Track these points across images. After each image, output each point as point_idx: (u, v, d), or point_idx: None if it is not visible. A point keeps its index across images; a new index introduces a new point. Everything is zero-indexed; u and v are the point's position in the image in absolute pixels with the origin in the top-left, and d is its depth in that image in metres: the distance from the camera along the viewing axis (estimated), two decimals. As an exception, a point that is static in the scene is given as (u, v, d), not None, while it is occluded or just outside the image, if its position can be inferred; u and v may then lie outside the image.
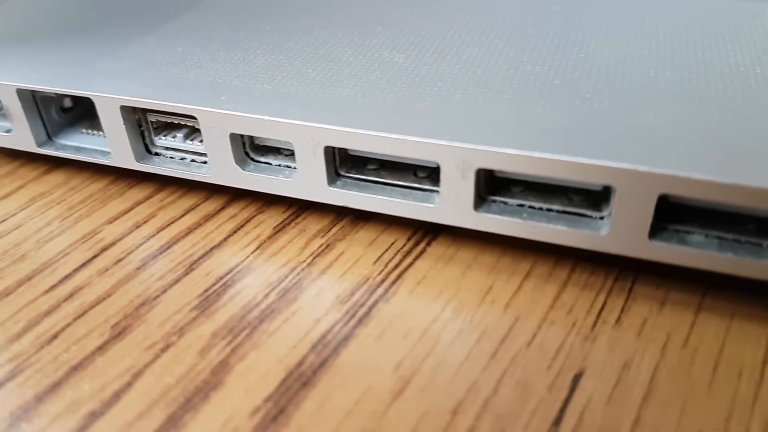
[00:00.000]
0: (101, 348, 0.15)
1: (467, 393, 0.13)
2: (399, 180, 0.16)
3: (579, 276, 0.16)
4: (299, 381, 0.14)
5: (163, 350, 0.15)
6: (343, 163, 0.17)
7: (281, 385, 0.14)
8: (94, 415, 0.13)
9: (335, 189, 0.16)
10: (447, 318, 0.15)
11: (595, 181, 0.14)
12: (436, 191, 0.16)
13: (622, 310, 0.15)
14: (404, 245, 0.17)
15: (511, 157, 0.14)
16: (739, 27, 0.19)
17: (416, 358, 0.14)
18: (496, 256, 0.17)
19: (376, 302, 0.16)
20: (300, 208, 0.18)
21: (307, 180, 0.16)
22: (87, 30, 0.21)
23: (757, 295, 0.15)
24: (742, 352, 0.14)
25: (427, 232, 0.18)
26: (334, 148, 0.16)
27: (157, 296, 0.16)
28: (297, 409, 0.13)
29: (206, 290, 0.16)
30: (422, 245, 0.17)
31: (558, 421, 0.13)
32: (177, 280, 0.16)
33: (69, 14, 0.23)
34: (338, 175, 0.16)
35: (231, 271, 0.16)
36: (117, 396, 0.14)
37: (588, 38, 0.18)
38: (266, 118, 0.15)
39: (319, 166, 0.16)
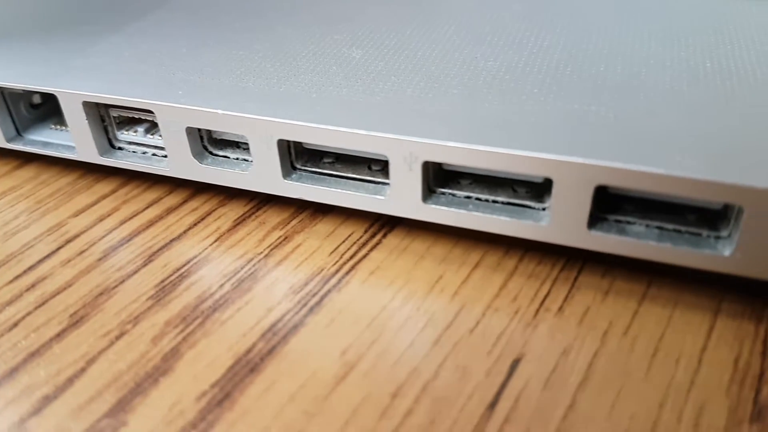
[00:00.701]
0: (59, 335, 0.15)
1: (408, 377, 0.14)
2: (354, 173, 0.17)
3: (526, 266, 0.16)
4: (246, 367, 0.14)
5: (118, 338, 0.15)
6: (299, 156, 0.17)
7: (229, 371, 0.14)
8: (48, 399, 0.14)
9: (290, 182, 0.17)
10: (396, 306, 0.15)
11: (534, 173, 0.14)
12: (388, 184, 0.16)
13: (566, 298, 0.15)
14: (360, 237, 0.18)
15: (455, 150, 0.15)
16: (694, 23, 0.19)
17: (362, 345, 0.14)
18: (448, 247, 0.17)
19: (328, 292, 0.16)
20: (261, 201, 0.19)
21: (263, 173, 0.17)
22: (58, 28, 0.22)
23: (702, 284, 0.16)
24: (681, 340, 0.14)
25: (384, 224, 0.18)
26: (288, 141, 0.16)
27: (116, 286, 0.16)
28: (242, 394, 0.14)
29: (163, 281, 0.16)
30: (378, 237, 0.18)
31: (493, 404, 0.13)
32: (136, 271, 0.17)
33: (41, 12, 0.23)
34: (294, 168, 0.17)
35: (188, 262, 0.17)
36: (71, 381, 0.14)
37: (544, 34, 0.19)
38: (220, 112, 0.16)
39: (273, 159, 0.16)
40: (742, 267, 0.14)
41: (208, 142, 0.17)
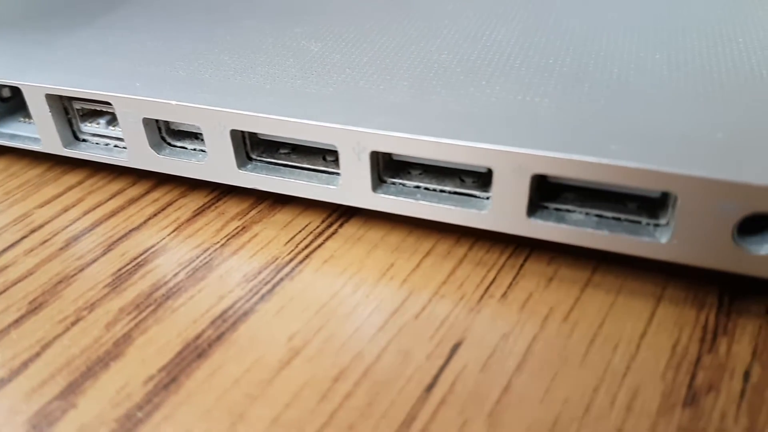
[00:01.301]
0: (17, 322, 0.16)
1: (351, 361, 0.14)
2: (309, 164, 0.17)
3: (476, 254, 0.17)
4: (194, 353, 0.14)
5: (74, 324, 0.15)
6: (255, 146, 0.17)
7: (177, 356, 0.14)
8: (2, 382, 0.14)
9: (245, 172, 0.17)
10: (345, 294, 0.16)
11: (476, 163, 0.14)
12: (339, 174, 0.16)
13: (510, 285, 0.16)
14: (317, 227, 0.18)
15: (400, 140, 0.15)
16: (647, 16, 0.20)
17: (309, 331, 0.15)
18: (402, 236, 0.17)
19: (281, 280, 0.16)
20: (222, 192, 0.19)
21: (217, 163, 0.17)
22: (28, 22, 0.22)
23: (647, 271, 0.16)
24: (621, 326, 0.15)
25: (341, 215, 0.18)
26: (242, 132, 0.17)
27: (75, 274, 0.17)
28: (188, 378, 0.14)
29: (120, 269, 0.17)
30: (335, 227, 0.18)
31: (431, 387, 0.13)
32: (95, 260, 0.17)
33: (12, 7, 0.23)
34: (250, 158, 0.17)
35: (146, 251, 0.17)
36: (25, 365, 0.14)
37: (499, 28, 0.19)
38: (174, 102, 0.16)
39: (227, 149, 0.17)
40: (679, 254, 0.14)
41: (166, 133, 0.18)
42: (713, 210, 0.13)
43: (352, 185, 0.16)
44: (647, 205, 0.15)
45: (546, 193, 0.15)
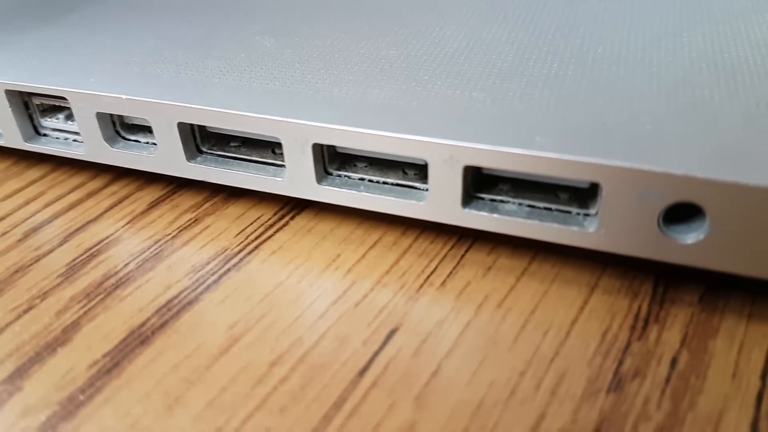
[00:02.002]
0: (-28, 311, 0.16)
1: (289, 347, 0.15)
2: (259, 156, 0.18)
3: (420, 245, 0.17)
4: (138, 339, 0.15)
5: (26, 311, 0.16)
6: (206, 140, 0.18)
7: (121, 342, 0.15)
8: (-48, 369, 0.15)
9: (194, 164, 0.17)
10: (290, 284, 0.16)
11: (411, 155, 0.15)
12: (285, 166, 0.17)
13: (450, 274, 0.16)
14: (268, 219, 0.18)
15: (340, 133, 0.15)
16: (594, 12, 0.20)
17: (251, 319, 0.15)
18: (351, 228, 0.18)
19: (228, 271, 0.17)
20: (178, 186, 0.20)
21: (167, 156, 0.17)
22: (-5, 20, 0.23)
23: (583, 260, 0.16)
24: (553, 313, 0.15)
25: (293, 207, 0.19)
26: (191, 125, 0.17)
27: (31, 264, 0.17)
28: (131, 363, 0.14)
29: (74, 259, 0.17)
30: (286, 219, 0.18)
31: (363, 370, 0.14)
32: (51, 251, 0.18)
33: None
34: (200, 151, 0.18)
35: (100, 242, 0.18)
36: (-24, 352, 0.15)
37: (448, 25, 0.20)
38: (124, 97, 0.17)
39: (176, 142, 0.17)
40: (607, 243, 0.15)
41: (120, 127, 0.18)
42: (637, 199, 0.14)
43: (297, 177, 0.16)
44: (578, 195, 0.15)
45: (483, 184, 0.16)
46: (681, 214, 0.14)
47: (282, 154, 0.17)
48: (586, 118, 0.15)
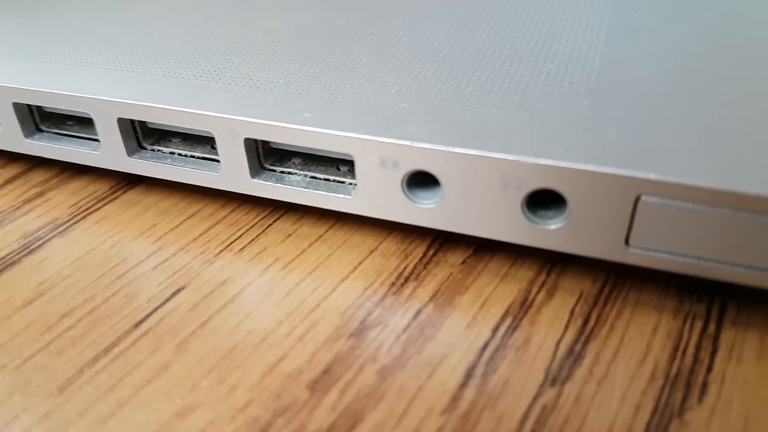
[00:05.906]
0: None
1: (83, 302, 0.16)
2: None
3: (235, 215, 0.19)
4: (-49, 294, 0.17)
5: None
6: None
7: (-65, 297, 0.16)
8: None
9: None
10: (102, 249, 0.18)
11: (201, 129, 0.16)
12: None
13: (251, 241, 0.18)
14: (103, 193, 0.20)
15: (145, 108, 0.17)
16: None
17: (58, 278, 0.17)
18: (175, 201, 0.19)
19: (52, 237, 0.18)
20: (35, 164, 0.21)
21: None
22: None
23: (371, 227, 0.18)
24: (329, 273, 0.17)
25: (128, 183, 0.20)
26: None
27: None
28: (-62, 314, 0.16)
29: None
30: (118, 193, 0.20)
31: (140, 322, 0.15)
32: None
33: None
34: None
35: (-56, 212, 0.19)
36: None
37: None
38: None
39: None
40: (362, 207, 0.16)
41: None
42: (383, 167, 0.15)
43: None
44: (354, 168, 0.17)
45: (277, 158, 0.17)
46: (430, 183, 0.16)
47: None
48: (349, 98, 0.16)
